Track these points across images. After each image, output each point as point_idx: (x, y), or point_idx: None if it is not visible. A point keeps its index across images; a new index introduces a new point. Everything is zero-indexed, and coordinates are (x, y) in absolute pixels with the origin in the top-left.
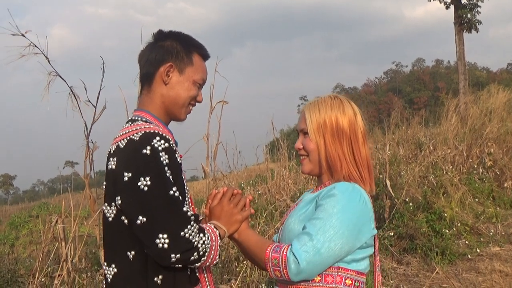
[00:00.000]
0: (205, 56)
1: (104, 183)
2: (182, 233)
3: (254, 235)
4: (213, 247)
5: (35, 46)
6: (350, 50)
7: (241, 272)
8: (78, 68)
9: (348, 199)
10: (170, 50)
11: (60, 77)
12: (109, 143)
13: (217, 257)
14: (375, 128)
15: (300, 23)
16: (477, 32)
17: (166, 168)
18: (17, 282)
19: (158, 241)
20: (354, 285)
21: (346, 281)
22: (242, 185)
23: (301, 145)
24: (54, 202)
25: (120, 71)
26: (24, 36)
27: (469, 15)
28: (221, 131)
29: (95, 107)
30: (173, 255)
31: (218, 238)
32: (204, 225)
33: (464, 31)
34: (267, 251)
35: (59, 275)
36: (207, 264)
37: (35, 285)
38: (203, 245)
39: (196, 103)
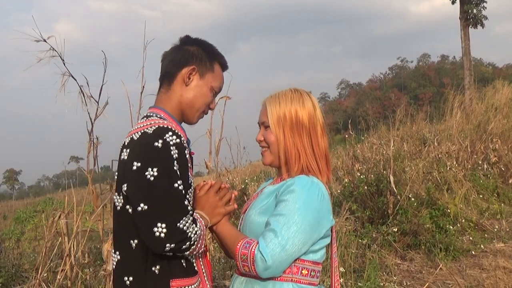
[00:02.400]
0: (224, 66)
1: (116, 174)
2: (178, 224)
3: (231, 228)
4: (202, 236)
5: (54, 50)
6: (355, 46)
7: None
8: (83, 63)
9: (307, 194)
10: (195, 54)
11: (73, 77)
12: (113, 138)
13: (203, 246)
14: (379, 124)
15: (305, 18)
16: (482, 27)
17: (175, 161)
18: (22, 277)
19: (156, 229)
20: (310, 274)
21: (303, 271)
22: (246, 180)
23: (262, 137)
24: (59, 197)
25: (125, 66)
26: (46, 42)
27: (475, 11)
28: (225, 127)
29: (98, 103)
30: (168, 245)
31: (204, 227)
32: (195, 215)
33: (470, 26)
34: (238, 246)
35: (62, 270)
36: (194, 253)
37: (38, 280)
38: (195, 235)
39: (209, 111)
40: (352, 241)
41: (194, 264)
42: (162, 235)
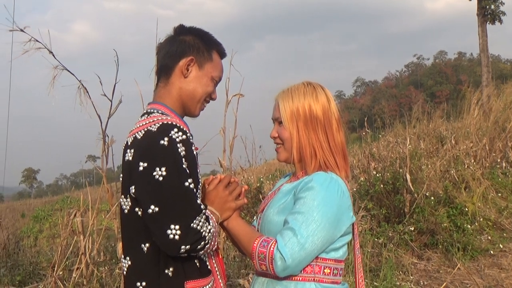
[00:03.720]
0: (223, 54)
1: (121, 175)
2: (192, 224)
3: (244, 224)
4: (215, 234)
5: (37, 40)
6: (370, 43)
7: None
8: (99, 62)
9: (326, 191)
10: (191, 44)
11: (68, 71)
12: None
13: (216, 243)
14: (395, 122)
15: (319, 16)
16: (500, 23)
17: (183, 159)
18: (39, 274)
19: (169, 231)
20: (333, 273)
21: (325, 270)
22: (262, 179)
23: (276, 133)
24: (76, 195)
25: (139, 65)
26: (23, 31)
27: (492, 6)
28: (240, 126)
29: (111, 101)
30: (183, 247)
31: (216, 224)
32: (207, 213)
33: (488, 22)
34: (254, 245)
35: (77, 268)
36: (208, 251)
37: (54, 278)
38: (209, 234)
39: (210, 101)
40: (368, 240)
41: (207, 263)
42: (177, 237)
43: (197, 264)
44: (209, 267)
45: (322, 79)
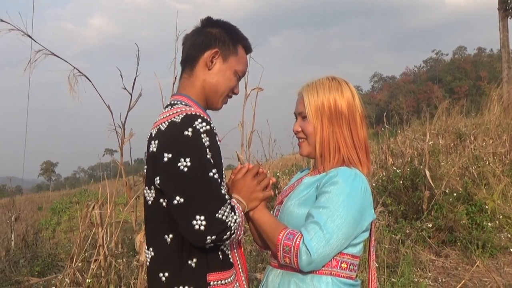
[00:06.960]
0: (248, 48)
1: (145, 167)
2: (217, 215)
3: (269, 215)
4: (241, 223)
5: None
6: (388, 38)
7: None
8: (116, 56)
9: (351, 187)
10: (217, 37)
11: (55, 55)
12: (146, 130)
13: (242, 232)
14: (413, 118)
15: (336, 11)
16: None
17: (207, 150)
18: (57, 266)
19: (194, 222)
20: (349, 268)
21: (342, 264)
22: (278, 174)
23: (300, 127)
24: (93, 188)
25: (155, 60)
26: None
27: None
28: (256, 120)
29: (131, 95)
30: (209, 237)
31: (243, 213)
32: (232, 202)
33: (509, 17)
34: (280, 236)
35: (95, 260)
36: (234, 240)
37: (72, 270)
38: (235, 224)
39: (233, 95)
40: (385, 236)
41: (230, 256)
42: (202, 227)
43: (220, 256)
44: (231, 260)
45: (339, 74)
